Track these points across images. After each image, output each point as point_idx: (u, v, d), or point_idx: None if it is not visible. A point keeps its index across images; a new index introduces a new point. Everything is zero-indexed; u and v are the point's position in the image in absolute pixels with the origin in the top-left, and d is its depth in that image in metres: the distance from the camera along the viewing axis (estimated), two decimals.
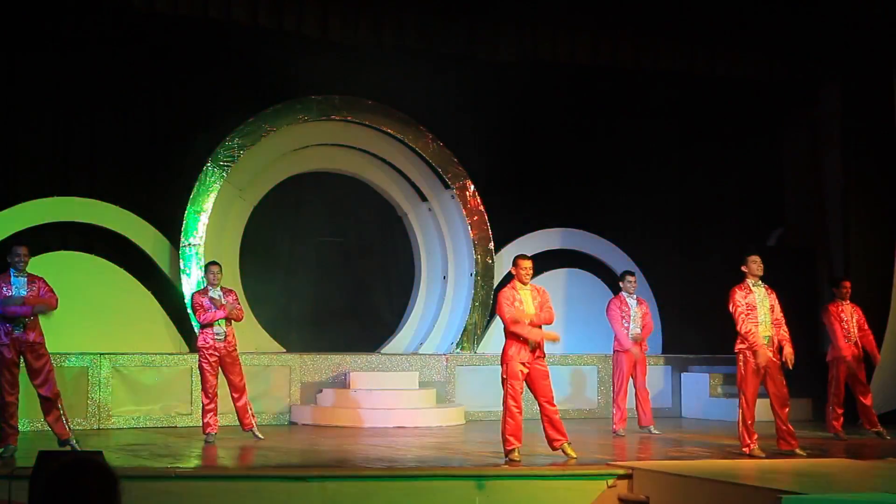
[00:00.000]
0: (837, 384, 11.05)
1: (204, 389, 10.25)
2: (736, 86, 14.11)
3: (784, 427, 9.43)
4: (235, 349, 10.43)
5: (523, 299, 8.88)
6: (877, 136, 13.15)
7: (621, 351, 11.51)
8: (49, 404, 8.98)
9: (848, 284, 11.32)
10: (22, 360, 9.00)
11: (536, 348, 8.81)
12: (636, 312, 11.62)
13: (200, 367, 10.31)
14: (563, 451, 8.77)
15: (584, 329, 13.90)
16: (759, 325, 9.38)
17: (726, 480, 7.51)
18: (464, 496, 7.84)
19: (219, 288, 10.43)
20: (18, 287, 8.95)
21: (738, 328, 9.38)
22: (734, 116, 14.67)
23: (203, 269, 10.91)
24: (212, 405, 10.19)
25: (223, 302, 10.28)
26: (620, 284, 11.91)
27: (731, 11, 12.96)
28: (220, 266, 10.62)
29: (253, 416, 10.51)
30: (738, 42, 13.24)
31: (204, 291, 10.47)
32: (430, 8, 12.34)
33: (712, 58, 13.34)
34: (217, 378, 10.29)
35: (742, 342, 9.42)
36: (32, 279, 9.07)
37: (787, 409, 9.50)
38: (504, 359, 8.81)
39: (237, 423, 10.58)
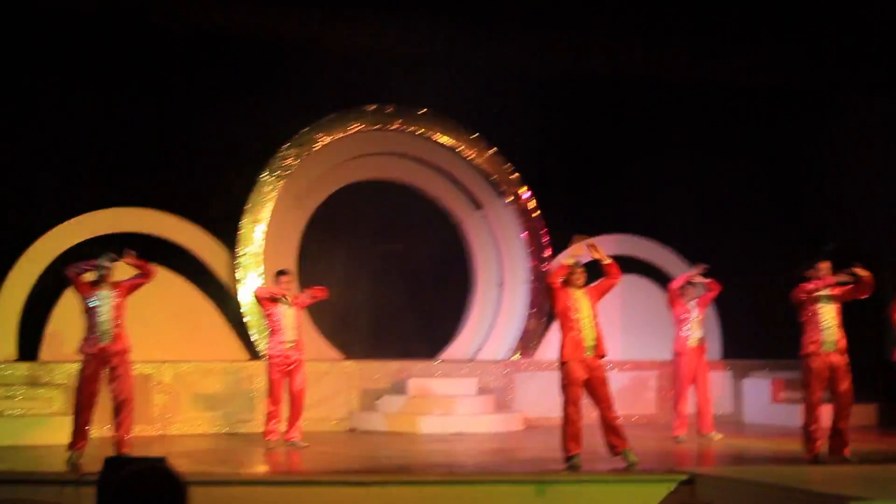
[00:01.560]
0: None
1: (271, 395, 10.29)
2: (789, 93, 14.01)
3: (842, 429, 9.26)
4: (302, 357, 10.44)
5: (577, 298, 8.80)
6: None
7: (683, 353, 11.33)
8: (121, 411, 9.09)
9: None
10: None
11: (595, 347, 8.70)
12: (696, 316, 11.47)
13: (269, 374, 10.36)
14: (625, 457, 8.69)
15: (642, 335, 13.80)
16: (822, 332, 9.24)
17: (791, 486, 7.38)
18: (524, 501, 7.79)
19: (289, 297, 10.47)
20: (102, 297, 9.14)
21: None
22: (795, 123, 14.48)
23: (274, 277, 10.95)
24: (276, 411, 10.23)
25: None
26: (679, 291, 11.74)
27: (778, 22, 12.86)
28: (290, 275, 10.69)
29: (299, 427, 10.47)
30: (788, 51, 13.16)
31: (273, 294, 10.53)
32: (484, 19, 12.37)
33: (764, 65, 13.29)
34: (282, 385, 10.33)
35: (808, 345, 9.28)
36: (115, 285, 9.28)
37: (849, 414, 9.33)
38: (561, 359, 8.71)
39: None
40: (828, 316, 9.28)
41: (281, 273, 10.62)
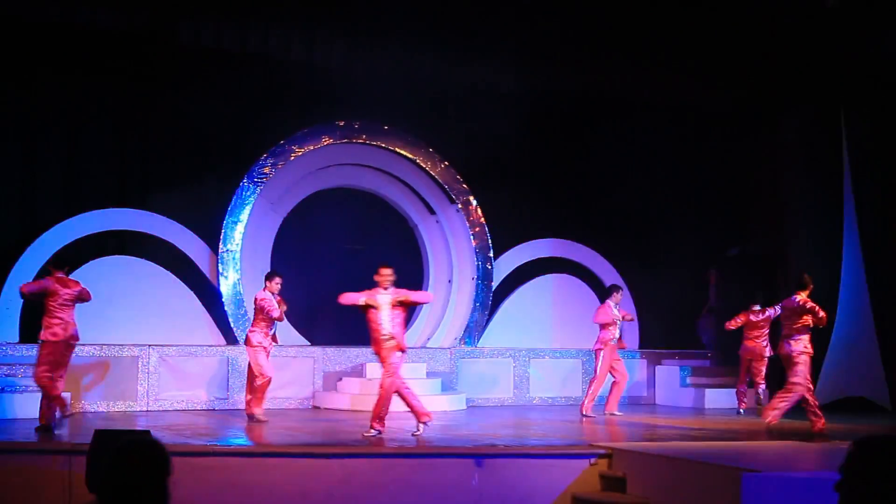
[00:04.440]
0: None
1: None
2: (708, 113, 14.21)
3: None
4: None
5: (380, 301, 9.23)
6: (831, 158, 13.19)
7: (605, 348, 11.62)
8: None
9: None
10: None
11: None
12: (617, 318, 11.80)
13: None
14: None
15: (571, 327, 13.92)
16: None
17: (694, 459, 7.52)
18: (465, 472, 7.87)
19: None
20: None
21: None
22: (707, 140, 14.69)
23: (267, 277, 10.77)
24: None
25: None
26: (614, 295, 11.89)
27: (704, 48, 13.09)
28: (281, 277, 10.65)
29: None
30: (712, 74, 13.38)
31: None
32: (442, 45, 12.47)
33: (688, 88, 13.48)
34: None
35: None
36: None
37: None
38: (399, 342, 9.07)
39: (268, 406, 10.66)
40: None
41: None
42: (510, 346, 13.50)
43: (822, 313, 9.83)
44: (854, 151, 12.95)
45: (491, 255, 13.82)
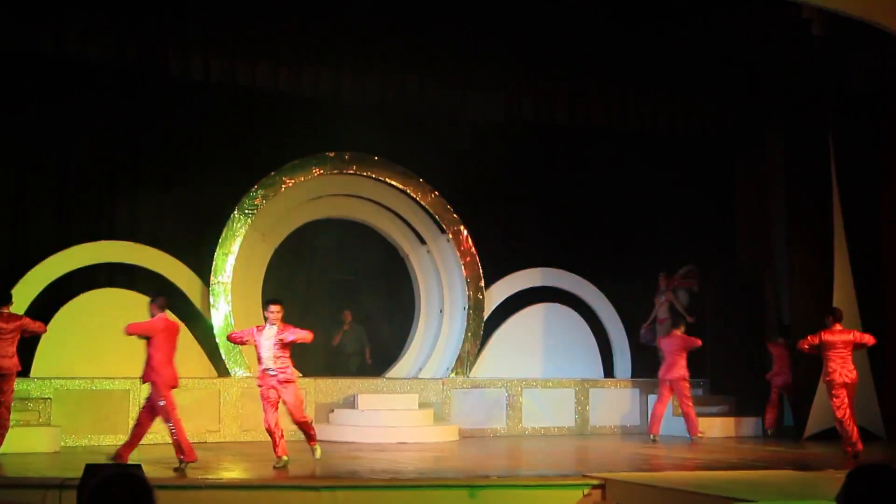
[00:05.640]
0: None
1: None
2: (695, 139, 14.30)
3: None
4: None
5: (264, 337, 9.26)
6: (816, 182, 13.21)
7: None
8: None
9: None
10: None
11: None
12: None
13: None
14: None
15: (563, 356, 13.89)
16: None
17: (687, 490, 7.49)
18: (457, 503, 7.81)
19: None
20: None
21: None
22: (694, 166, 14.76)
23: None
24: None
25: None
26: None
27: (688, 76, 13.22)
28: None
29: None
30: (697, 100, 13.53)
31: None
32: (430, 76, 12.54)
33: (675, 114, 13.61)
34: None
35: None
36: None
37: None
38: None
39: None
40: None
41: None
42: (502, 375, 13.44)
43: (870, 336, 10.82)
44: (843, 174, 12.93)
45: (482, 284, 13.79)
